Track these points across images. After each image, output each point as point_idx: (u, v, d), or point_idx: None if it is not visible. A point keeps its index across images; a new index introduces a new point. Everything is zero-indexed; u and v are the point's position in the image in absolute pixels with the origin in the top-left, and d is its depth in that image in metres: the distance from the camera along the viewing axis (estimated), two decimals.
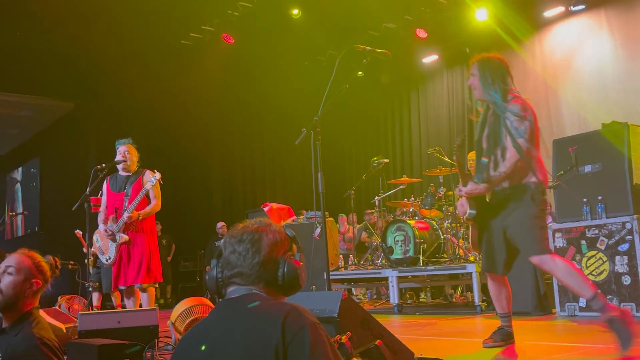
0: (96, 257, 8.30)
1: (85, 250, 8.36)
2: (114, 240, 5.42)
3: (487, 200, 3.79)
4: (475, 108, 3.96)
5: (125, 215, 5.32)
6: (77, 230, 8.50)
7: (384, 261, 8.03)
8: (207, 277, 1.83)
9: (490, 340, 3.86)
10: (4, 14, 9.64)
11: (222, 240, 1.80)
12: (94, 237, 5.65)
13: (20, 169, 17.11)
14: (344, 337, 2.05)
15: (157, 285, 5.62)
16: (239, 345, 1.54)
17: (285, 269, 1.72)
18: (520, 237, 3.67)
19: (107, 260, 5.52)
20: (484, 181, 3.70)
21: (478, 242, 3.92)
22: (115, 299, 8.17)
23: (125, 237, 5.37)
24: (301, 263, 1.77)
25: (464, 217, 3.91)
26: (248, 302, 1.65)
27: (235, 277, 1.72)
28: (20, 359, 2.38)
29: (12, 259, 2.62)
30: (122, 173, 5.65)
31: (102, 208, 5.68)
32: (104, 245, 5.54)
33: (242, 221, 1.85)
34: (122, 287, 5.49)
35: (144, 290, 5.44)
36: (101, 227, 5.54)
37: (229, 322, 1.62)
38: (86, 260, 8.26)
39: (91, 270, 8.35)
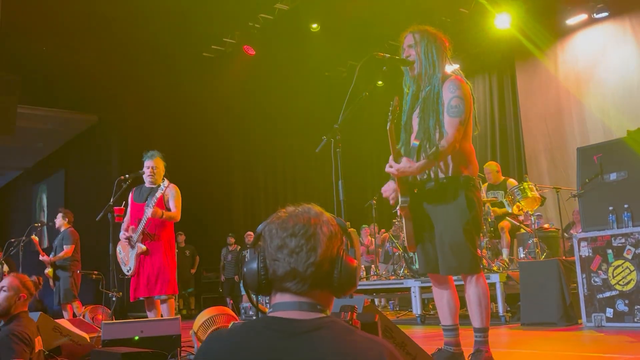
0: (55, 269, 8.40)
1: (41, 257, 8.45)
2: (132, 247, 5.45)
3: (415, 191, 3.40)
4: (405, 82, 3.56)
5: (149, 211, 5.29)
6: (34, 236, 8.58)
7: (406, 271, 7.98)
8: (245, 270, 1.51)
9: None
10: (30, 30, 9.84)
11: (265, 228, 1.49)
12: (117, 249, 5.68)
13: (45, 181, 17.38)
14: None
15: (175, 296, 5.60)
16: None
17: (342, 270, 1.47)
18: (451, 249, 3.26)
19: (128, 271, 5.54)
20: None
21: (415, 239, 3.44)
22: (68, 313, 8.21)
23: (143, 247, 5.38)
24: (356, 261, 1.56)
25: (397, 206, 3.37)
26: (322, 334, 1.35)
27: (288, 280, 1.43)
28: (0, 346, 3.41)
29: (5, 281, 3.70)
30: (147, 185, 5.70)
31: (125, 219, 5.71)
32: (125, 257, 5.56)
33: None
34: (141, 298, 5.50)
35: (163, 301, 5.45)
36: (122, 234, 5.57)
37: (304, 359, 1.31)
38: (46, 272, 8.34)
39: (52, 284, 8.42)
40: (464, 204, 3.27)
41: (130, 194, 5.72)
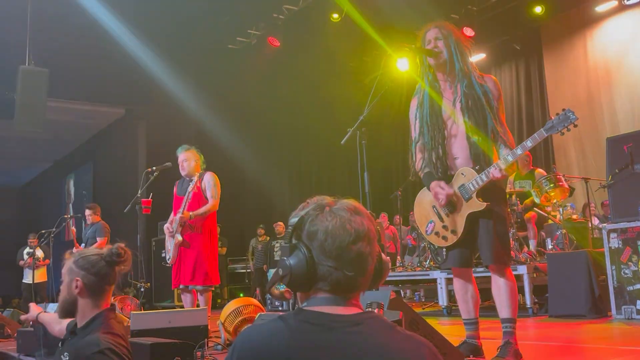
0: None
1: (75, 250, 8.57)
2: (172, 237, 5.56)
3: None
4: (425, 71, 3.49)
5: (178, 216, 5.40)
6: (73, 228, 8.68)
7: (432, 263, 7.94)
8: (291, 261, 1.37)
9: None
10: (56, 25, 9.97)
11: (313, 225, 1.37)
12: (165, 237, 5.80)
13: (73, 173, 17.66)
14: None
15: (212, 288, 5.64)
16: None
17: (381, 268, 1.44)
18: (501, 240, 3.30)
19: (169, 260, 5.65)
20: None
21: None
22: None
23: (180, 239, 5.47)
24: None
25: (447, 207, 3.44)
26: (362, 330, 1.30)
27: (338, 285, 1.35)
28: None
29: (66, 265, 2.58)
30: (187, 177, 5.78)
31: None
32: (169, 245, 5.68)
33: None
34: (181, 287, 5.59)
35: (201, 292, 5.51)
36: (166, 225, 5.67)
37: (342, 354, 1.26)
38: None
39: None
40: (504, 197, 3.43)
41: (175, 187, 5.82)
